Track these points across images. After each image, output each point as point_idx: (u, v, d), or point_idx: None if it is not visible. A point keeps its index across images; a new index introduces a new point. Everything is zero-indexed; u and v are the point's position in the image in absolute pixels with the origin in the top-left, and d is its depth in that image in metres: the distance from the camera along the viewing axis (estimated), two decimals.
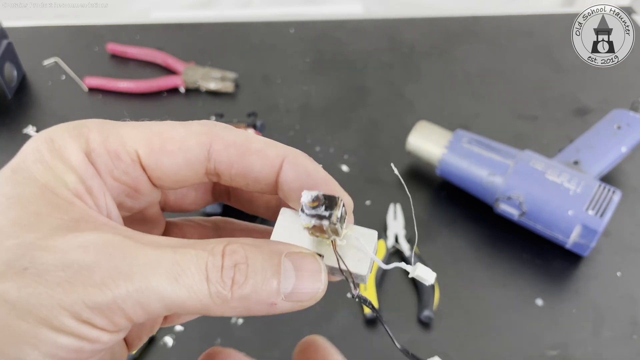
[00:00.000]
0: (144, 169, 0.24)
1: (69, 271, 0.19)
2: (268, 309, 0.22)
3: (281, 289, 0.22)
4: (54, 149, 0.22)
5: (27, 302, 0.19)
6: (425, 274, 0.25)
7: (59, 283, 0.19)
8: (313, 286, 0.23)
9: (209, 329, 0.59)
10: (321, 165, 0.26)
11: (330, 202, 0.22)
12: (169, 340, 0.58)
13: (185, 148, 0.24)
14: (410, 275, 0.25)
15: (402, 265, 0.25)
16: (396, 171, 0.25)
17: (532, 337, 0.59)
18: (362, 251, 0.24)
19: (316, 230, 0.23)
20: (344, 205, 0.23)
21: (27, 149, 0.22)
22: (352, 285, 0.24)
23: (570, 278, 0.64)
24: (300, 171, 0.25)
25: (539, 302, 0.62)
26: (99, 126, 0.24)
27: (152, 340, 0.57)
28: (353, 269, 0.24)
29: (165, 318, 0.28)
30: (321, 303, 0.23)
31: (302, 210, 0.22)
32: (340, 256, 0.24)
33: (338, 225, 0.22)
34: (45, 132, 0.23)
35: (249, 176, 0.25)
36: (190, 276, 0.21)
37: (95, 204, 0.23)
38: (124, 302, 0.20)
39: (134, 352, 0.55)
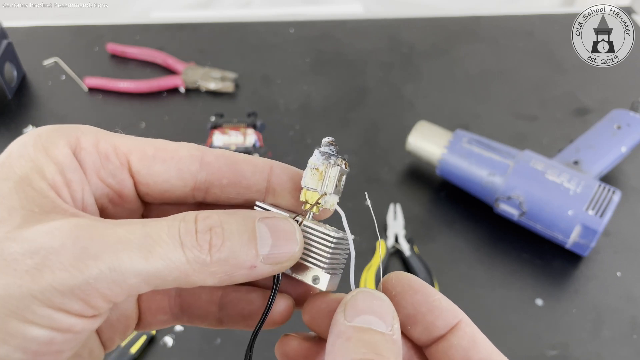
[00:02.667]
0: (132, 176, 0.25)
1: (37, 257, 0.19)
2: (248, 272, 0.22)
3: (259, 251, 0.22)
4: (40, 144, 0.22)
5: None
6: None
7: (27, 271, 0.19)
8: (289, 246, 0.24)
9: (209, 329, 0.59)
10: None
11: (338, 152, 0.26)
12: (168, 340, 0.58)
13: (177, 157, 0.25)
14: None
15: None
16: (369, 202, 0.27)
17: (532, 337, 0.59)
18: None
19: (314, 178, 0.25)
20: (346, 167, 0.26)
21: (14, 144, 0.23)
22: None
23: (570, 278, 0.64)
24: (292, 173, 0.26)
25: (539, 302, 0.62)
26: (93, 130, 0.24)
27: (152, 340, 0.57)
28: (328, 231, 0.25)
29: (139, 322, 0.28)
30: None
31: (317, 148, 0.25)
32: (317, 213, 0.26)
33: (337, 171, 0.25)
34: (35, 130, 0.23)
35: (240, 184, 0.26)
36: (163, 245, 0.20)
37: (72, 197, 0.23)
38: (97, 283, 0.19)
39: (131, 348, 0.55)
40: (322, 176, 0.25)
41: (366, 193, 0.27)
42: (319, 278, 0.25)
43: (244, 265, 0.22)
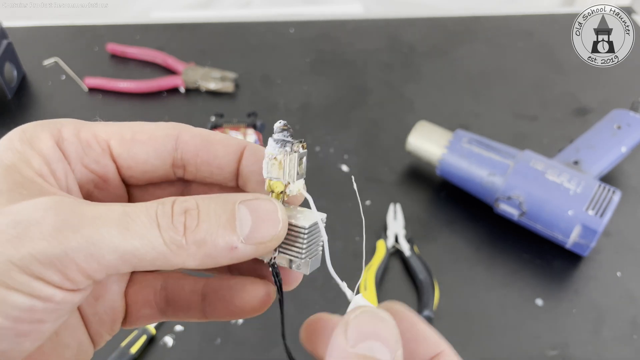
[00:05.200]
0: (114, 160, 0.26)
1: (19, 228, 0.20)
2: (229, 253, 0.22)
3: (238, 231, 0.22)
4: (25, 138, 0.24)
5: None
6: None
7: (9, 240, 0.20)
8: (271, 226, 0.23)
9: (209, 329, 0.59)
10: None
11: (293, 136, 0.25)
12: (169, 340, 0.58)
13: (154, 137, 0.26)
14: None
15: (344, 288, 0.26)
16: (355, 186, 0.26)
17: (532, 337, 0.59)
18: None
19: (274, 167, 0.25)
20: (304, 148, 0.25)
21: (0, 140, 0.24)
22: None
23: (570, 278, 0.64)
24: (260, 157, 0.26)
25: (539, 302, 0.62)
26: (73, 122, 0.25)
27: (152, 340, 0.57)
28: (298, 222, 0.25)
29: (126, 318, 0.28)
30: (320, 303, 0.23)
31: (271, 137, 0.25)
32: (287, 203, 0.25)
33: (296, 157, 0.24)
34: (20, 126, 0.24)
35: (213, 163, 0.26)
36: (140, 224, 0.21)
37: (57, 184, 0.24)
38: (75, 255, 0.20)
39: (131, 348, 0.55)
40: (282, 165, 0.25)
41: (352, 177, 0.27)
42: (300, 265, 0.25)
43: (223, 246, 0.22)
